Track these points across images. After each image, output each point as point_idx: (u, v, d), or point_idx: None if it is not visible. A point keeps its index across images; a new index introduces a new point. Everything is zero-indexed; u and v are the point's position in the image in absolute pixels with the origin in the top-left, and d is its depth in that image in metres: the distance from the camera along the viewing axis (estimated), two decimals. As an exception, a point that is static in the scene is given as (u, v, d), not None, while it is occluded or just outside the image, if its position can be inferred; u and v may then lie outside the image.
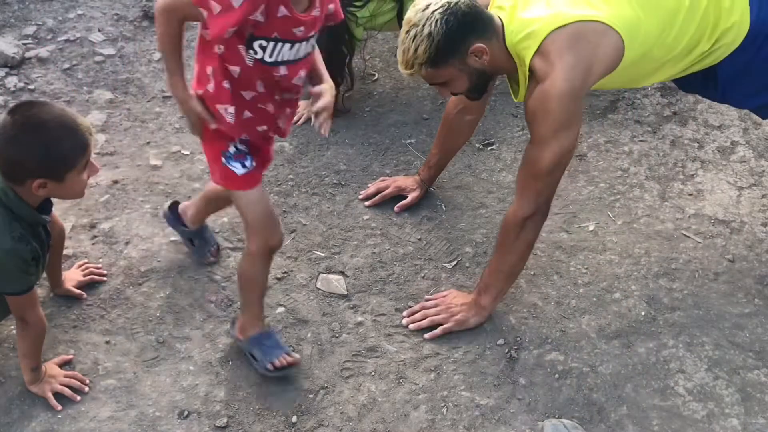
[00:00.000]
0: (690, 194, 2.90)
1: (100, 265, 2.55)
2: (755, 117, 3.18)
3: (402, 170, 2.98)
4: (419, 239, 2.72)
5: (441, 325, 2.39)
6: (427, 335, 2.39)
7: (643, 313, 2.47)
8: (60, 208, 2.75)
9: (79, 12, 3.70)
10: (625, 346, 2.38)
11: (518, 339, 2.40)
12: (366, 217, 2.79)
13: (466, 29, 2.11)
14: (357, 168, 3.00)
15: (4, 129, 1.91)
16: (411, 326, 2.41)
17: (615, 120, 3.22)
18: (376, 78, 3.41)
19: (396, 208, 2.80)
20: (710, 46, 2.23)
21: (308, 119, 3.17)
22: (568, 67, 2.08)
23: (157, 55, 3.48)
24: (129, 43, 3.54)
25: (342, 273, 2.60)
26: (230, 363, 2.33)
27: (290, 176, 2.94)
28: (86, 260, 2.56)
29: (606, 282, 2.57)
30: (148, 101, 3.27)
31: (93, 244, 2.66)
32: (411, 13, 2.14)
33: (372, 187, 2.85)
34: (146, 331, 2.40)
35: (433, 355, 2.35)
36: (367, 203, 2.82)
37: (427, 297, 2.49)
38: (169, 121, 3.17)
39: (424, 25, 2.09)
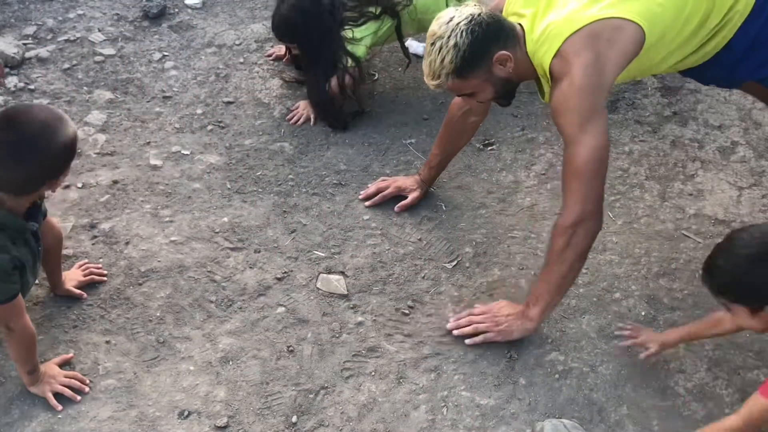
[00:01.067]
0: (690, 194, 2.89)
1: (100, 265, 2.55)
2: (755, 117, 3.18)
3: (402, 170, 2.98)
4: (419, 239, 2.72)
5: (484, 332, 2.36)
6: (467, 341, 2.35)
7: (643, 313, 2.47)
8: (60, 208, 2.75)
9: (79, 12, 3.70)
10: (626, 346, 2.37)
11: (518, 339, 2.40)
12: (366, 217, 2.79)
13: (491, 39, 2.15)
14: (357, 168, 3.00)
15: None
16: (455, 332, 2.38)
17: (615, 120, 3.22)
18: (376, 78, 3.41)
19: (396, 208, 2.80)
20: (721, 17, 2.23)
21: (307, 119, 3.18)
22: (585, 64, 2.09)
23: (157, 55, 3.48)
24: (129, 43, 3.54)
25: (342, 273, 2.60)
26: (230, 363, 2.33)
27: (290, 176, 2.94)
28: (86, 260, 2.56)
29: (606, 282, 2.57)
30: (148, 101, 3.27)
31: (93, 244, 2.66)
32: (435, 26, 2.17)
33: (372, 187, 2.85)
34: (146, 331, 2.40)
35: (433, 355, 2.35)
36: (367, 203, 2.82)
37: (476, 305, 2.45)
38: (169, 121, 3.17)
39: (449, 37, 2.13)
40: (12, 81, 3.27)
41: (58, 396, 2.18)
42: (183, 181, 2.91)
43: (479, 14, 2.15)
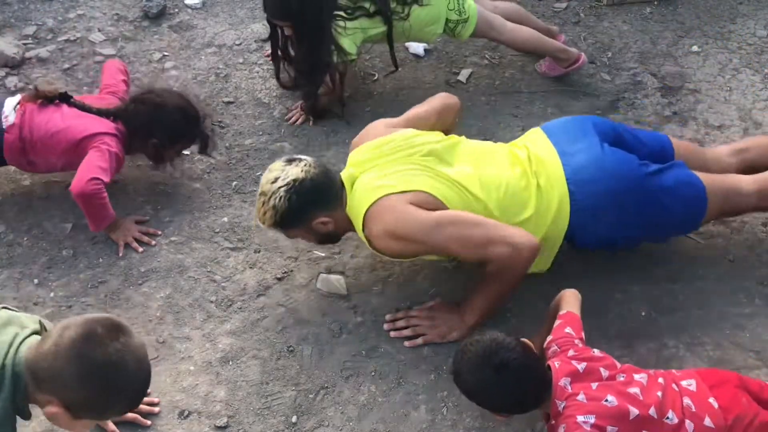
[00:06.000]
0: (690, 194, 2.89)
1: None
2: (755, 117, 3.18)
3: (402, 170, 2.98)
4: (419, 239, 2.72)
5: (423, 335, 2.38)
6: (407, 343, 2.38)
7: (643, 314, 2.47)
8: (60, 207, 2.76)
9: (79, 12, 3.70)
10: (626, 347, 2.37)
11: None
12: (366, 217, 2.79)
13: (308, 206, 2.28)
14: (357, 168, 2.99)
15: (94, 345, 1.61)
16: (392, 334, 2.40)
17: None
18: (376, 78, 3.41)
19: None
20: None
21: (306, 120, 3.17)
22: (393, 220, 2.24)
23: (157, 55, 3.48)
24: (129, 43, 3.54)
25: (342, 273, 2.60)
26: (230, 363, 2.33)
27: (290, 176, 2.94)
28: None
29: (606, 282, 2.57)
30: (148, 101, 3.27)
31: (93, 244, 2.66)
32: (264, 180, 2.30)
33: None
34: (146, 331, 2.40)
35: (433, 355, 2.35)
36: None
37: (415, 308, 2.48)
38: (169, 121, 3.17)
39: (270, 197, 2.27)
40: (12, 81, 3.28)
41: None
42: (183, 181, 2.91)
43: (302, 180, 2.25)
